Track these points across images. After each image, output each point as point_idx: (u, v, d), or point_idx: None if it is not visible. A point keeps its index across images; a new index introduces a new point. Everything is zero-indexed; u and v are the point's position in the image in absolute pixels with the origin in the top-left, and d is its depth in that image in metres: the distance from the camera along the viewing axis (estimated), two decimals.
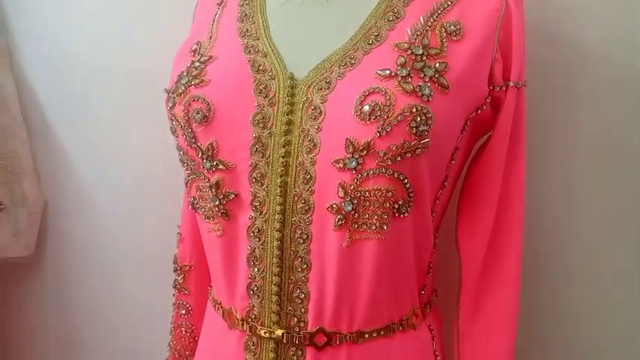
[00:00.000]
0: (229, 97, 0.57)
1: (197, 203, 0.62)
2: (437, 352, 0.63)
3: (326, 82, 0.54)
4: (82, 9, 0.94)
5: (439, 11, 0.56)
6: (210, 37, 0.63)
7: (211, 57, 0.60)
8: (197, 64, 0.60)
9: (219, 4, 0.67)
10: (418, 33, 0.54)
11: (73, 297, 1.05)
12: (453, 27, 0.54)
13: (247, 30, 0.61)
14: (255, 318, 0.58)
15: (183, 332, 0.81)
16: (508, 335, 0.62)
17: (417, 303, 0.61)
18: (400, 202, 0.52)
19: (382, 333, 0.57)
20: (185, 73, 0.60)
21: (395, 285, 0.57)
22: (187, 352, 0.82)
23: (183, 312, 0.81)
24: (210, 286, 0.70)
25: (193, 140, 0.58)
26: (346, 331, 0.56)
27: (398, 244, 0.55)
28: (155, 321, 0.97)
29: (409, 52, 0.53)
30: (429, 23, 0.55)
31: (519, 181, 0.63)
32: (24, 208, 1.00)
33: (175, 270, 0.81)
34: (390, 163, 0.50)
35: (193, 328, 0.81)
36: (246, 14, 0.63)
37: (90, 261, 1.02)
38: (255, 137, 0.55)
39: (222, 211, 0.58)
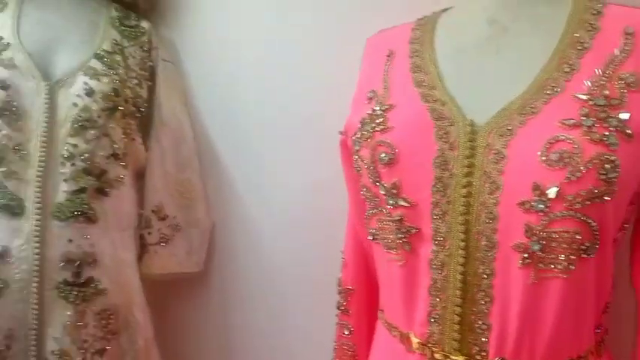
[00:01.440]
0: (411, 142, 0.63)
1: (377, 235, 0.68)
2: None
3: (507, 128, 0.58)
4: (252, 54, 1.07)
5: (615, 63, 0.58)
6: (385, 87, 0.70)
7: (391, 105, 0.67)
8: (378, 111, 0.67)
9: (389, 56, 0.73)
10: (597, 84, 0.57)
11: (234, 311, 1.17)
12: (631, 78, 0.56)
13: (422, 80, 0.67)
14: (435, 343, 0.63)
15: (346, 351, 0.88)
16: None
17: (592, 341, 0.62)
18: (587, 244, 0.55)
19: None
20: (368, 120, 0.67)
21: (576, 323, 0.59)
22: None
23: (346, 332, 0.88)
24: (381, 310, 0.76)
25: (378, 179, 0.64)
26: None
27: (582, 284, 0.57)
28: (315, 338, 1.06)
29: (591, 102, 0.55)
30: (606, 74, 0.57)
31: None
32: (196, 229, 1.14)
33: (339, 292, 0.88)
34: (578, 207, 0.53)
35: (355, 347, 0.88)
36: (417, 65, 0.69)
37: (251, 279, 1.13)
38: (436, 178, 0.61)
39: (404, 243, 0.64)
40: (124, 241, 1.02)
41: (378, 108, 0.67)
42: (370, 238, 0.71)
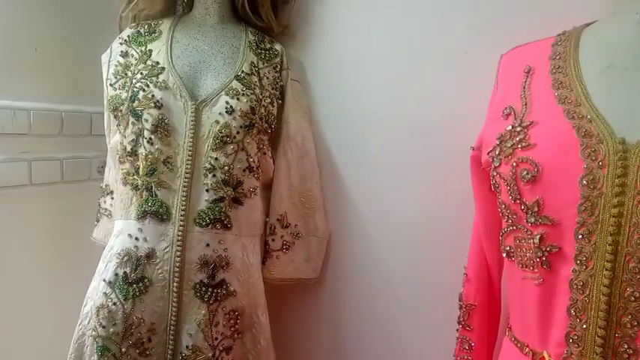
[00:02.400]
0: (556, 160, 0.63)
1: (512, 252, 0.68)
2: None
3: None
4: (375, 72, 1.10)
5: None
6: (525, 104, 0.70)
7: (532, 122, 0.67)
8: (518, 128, 0.67)
9: (527, 72, 0.74)
10: None
11: (346, 319, 1.20)
12: None
13: (566, 97, 0.67)
14: None
15: None
16: None
17: None
18: None
19: None
20: (508, 137, 0.68)
21: None
22: None
23: (466, 347, 0.88)
24: (509, 327, 0.76)
25: (518, 197, 0.65)
26: None
27: None
28: (427, 350, 1.07)
29: None
30: None
31: None
32: (315, 237, 1.19)
33: (460, 307, 0.89)
34: None
35: None
36: (560, 82, 0.69)
37: (365, 288, 1.16)
38: (583, 197, 0.60)
39: (543, 262, 0.64)
40: (253, 247, 1.09)
41: (517, 124, 0.68)
42: (504, 255, 0.71)
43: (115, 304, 0.99)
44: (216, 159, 1.01)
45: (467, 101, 0.94)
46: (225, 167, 1.01)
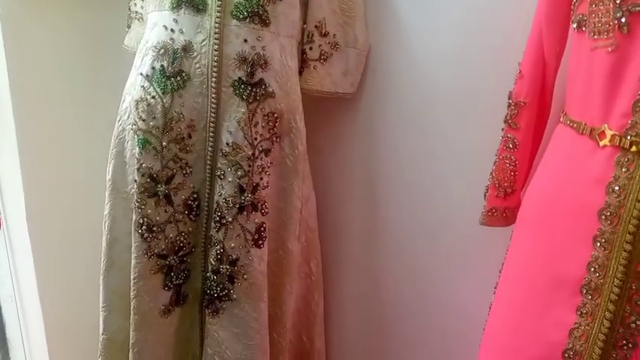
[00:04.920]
0: None
1: (585, 20, 0.63)
2: None
3: None
4: None
5: None
6: None
7: None
8: None
9: None
10: None
11: (379, 136, 1.19)
12: None
13: None
14: (636, 135, 0.60)
15: (507, 165, 0.87)
16: None
17: None
18: None
19: None
20: None
21: None
22: (506, 184, 0.89)
23: (510, 146, 0.87)
24: (564, 113, 0.73)
25: None
26: None
27: None
28: (467, 155, 1.06)
29: None
30: None
31: None
32: (354, 49, 1.14)
33: (509, 105, 0.86)
34: None
35: (516, 163, 0.87)
36: None
37: (403, 103, 1.13)
38: None
39: (621, 24, 0.58)
40: (291, 50, 1.05)
41: None
42: (574, 26, 0.66)
43: (153, 97, 0.98)
44: None
45: None
46: None
